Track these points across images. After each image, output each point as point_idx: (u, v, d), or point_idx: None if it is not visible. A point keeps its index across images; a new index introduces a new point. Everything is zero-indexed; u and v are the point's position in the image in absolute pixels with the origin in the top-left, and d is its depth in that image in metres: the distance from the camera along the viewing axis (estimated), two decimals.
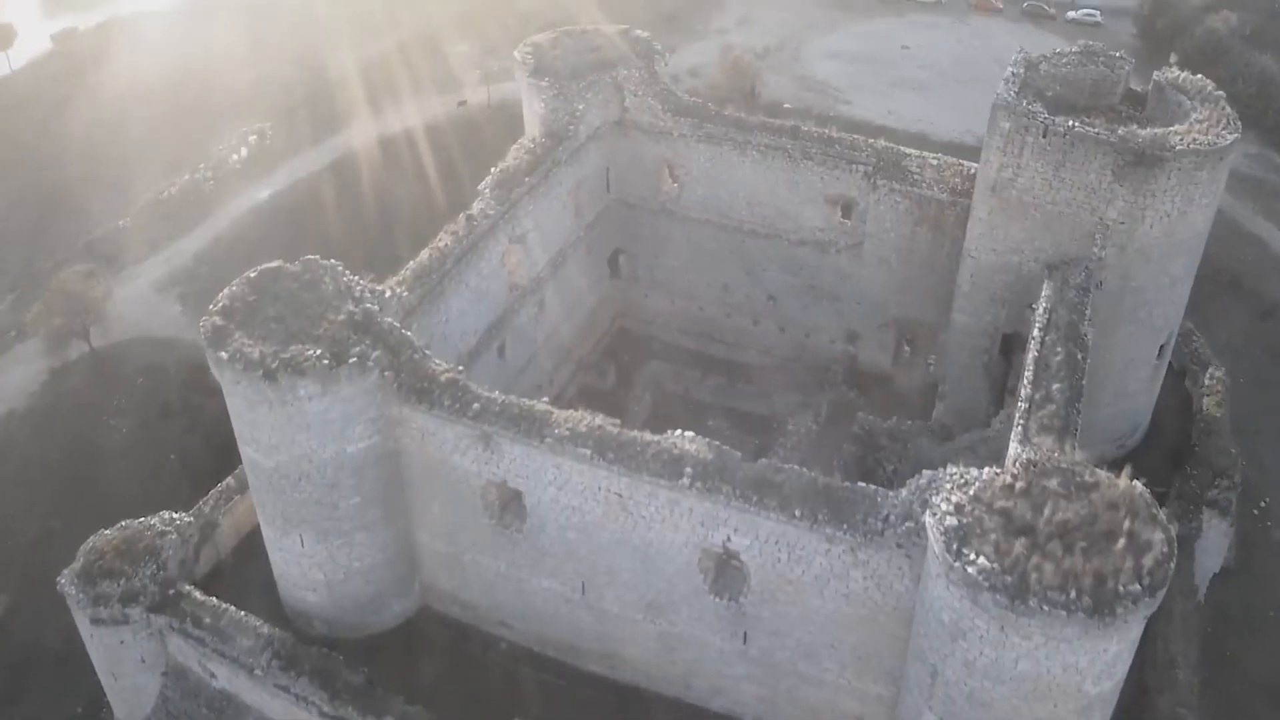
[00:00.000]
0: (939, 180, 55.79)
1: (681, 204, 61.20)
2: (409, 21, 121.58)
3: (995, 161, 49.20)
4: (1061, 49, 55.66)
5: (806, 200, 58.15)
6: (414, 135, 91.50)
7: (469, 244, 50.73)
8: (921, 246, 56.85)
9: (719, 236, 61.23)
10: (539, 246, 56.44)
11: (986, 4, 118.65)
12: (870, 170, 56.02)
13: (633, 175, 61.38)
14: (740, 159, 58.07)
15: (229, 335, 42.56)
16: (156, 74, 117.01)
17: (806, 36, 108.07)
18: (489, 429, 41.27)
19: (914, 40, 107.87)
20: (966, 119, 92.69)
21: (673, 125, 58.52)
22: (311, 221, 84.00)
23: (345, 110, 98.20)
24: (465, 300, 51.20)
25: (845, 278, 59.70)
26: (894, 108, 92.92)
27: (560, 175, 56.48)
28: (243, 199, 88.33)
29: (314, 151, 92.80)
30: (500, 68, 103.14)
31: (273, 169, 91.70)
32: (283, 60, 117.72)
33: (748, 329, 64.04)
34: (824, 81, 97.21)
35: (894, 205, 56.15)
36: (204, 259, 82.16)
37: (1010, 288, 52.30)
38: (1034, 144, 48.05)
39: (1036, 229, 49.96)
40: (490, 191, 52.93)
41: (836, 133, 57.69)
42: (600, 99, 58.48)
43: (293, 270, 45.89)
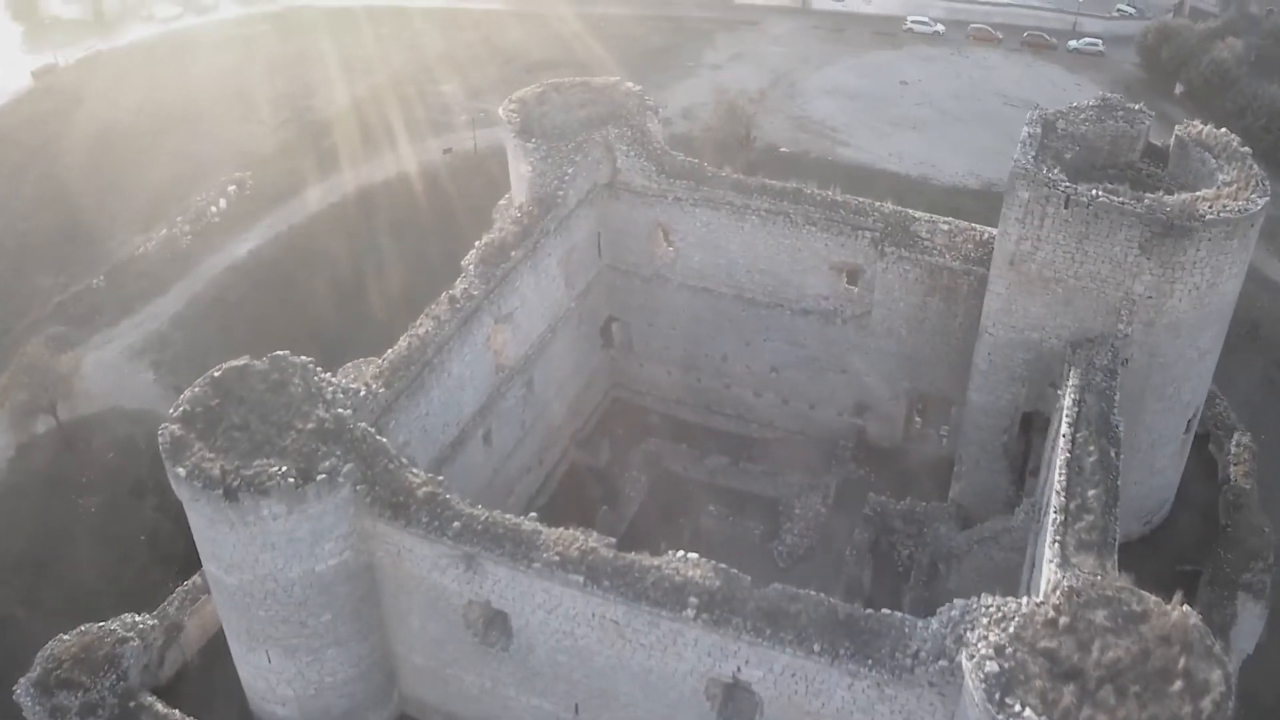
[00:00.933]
0: (951, 247, 52.46)
1: (677, 270, 57.81)
2: (392, 59, 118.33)
3: (1014, 233, 45.91)
4: (1079, 104, 52.29)
5: (810, 268, 54.78)
6: (398, 185, 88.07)
7: (452, 329, 47.29)
8: (933, 317, 53.56)
9: (717, 305, 57.84)
10: (527, 323, 52.99)
11: (985, 35, 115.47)
12: (878, 237, 52.66)
13: (625, 240, 58.00)
14: (739, 224, 54.72)
15: (188, 447, 39.33)
16: (137, 114, 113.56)
17: (802, 72, 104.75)
18: (471, 550, 37.75)
19: (912, 74, 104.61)
20: (970, 159, 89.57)
21: (667, 188, 55.14)
22: (291, 280, 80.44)
23: (327, 158, 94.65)
24: (447, 389, 47.72)
25: (852, 349, 56.30)
26: (895, 149, 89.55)
27: (549, 246, 53.07)
28: (221, 255, 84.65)
29: (295, 202, 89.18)
30: (486, 110, 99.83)
31: (252, 222, 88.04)
32: (265, 100, 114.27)
33: (749, 401, 60.62)
34: (821, 121, 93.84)
35: (903, 274, 52.81)
36: (179, 323, 78.43)
37: (1030, 366, 49.06)
38: (1055, 215, 44.84)
39: (1058, 304, 46.78)
40: (474, 268, 49.51)
41: (841, 195, 54.28)
42: (590, 160, 55.14)
43: (260, 369, 42.49)
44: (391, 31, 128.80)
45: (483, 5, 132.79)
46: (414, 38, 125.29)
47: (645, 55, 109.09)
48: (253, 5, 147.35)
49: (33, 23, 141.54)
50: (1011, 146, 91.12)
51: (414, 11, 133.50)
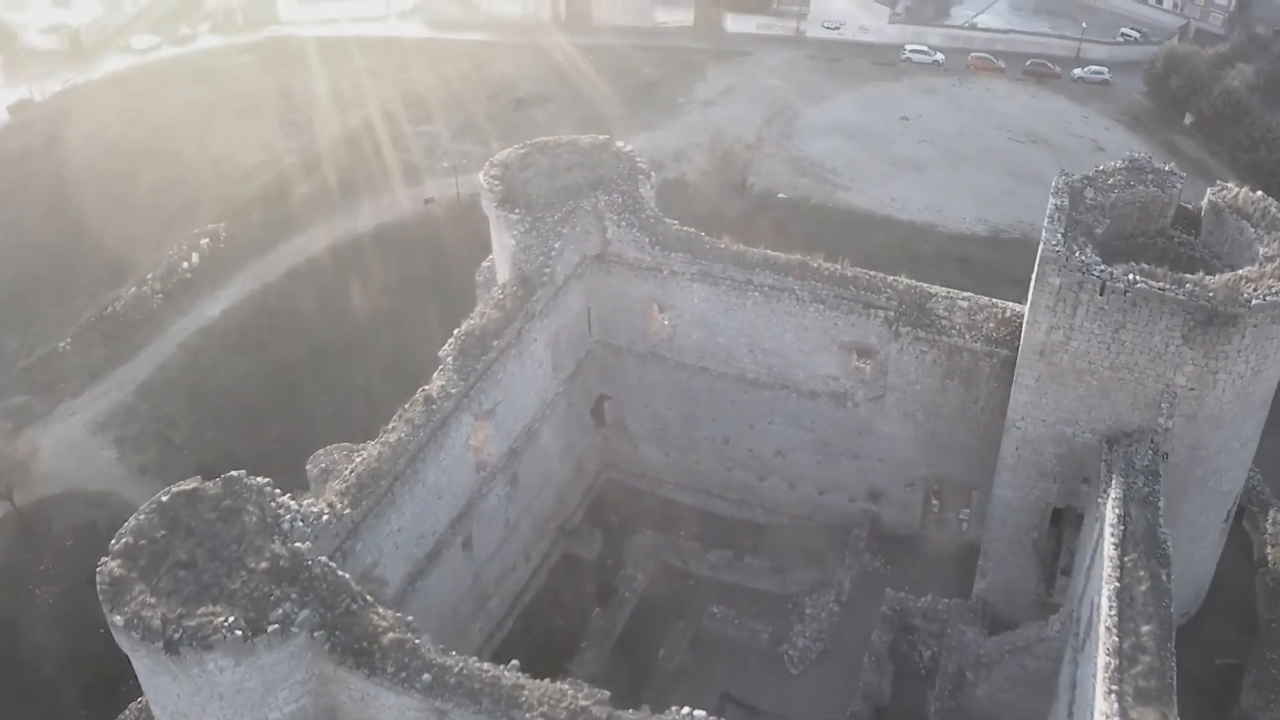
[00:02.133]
0: (971, 326, 48.28)
1: (674, 348, 53.53)
2: (373, 94, 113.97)
3: (1044, 322, 41.75)
4: (1106, 166, 48.09)
5: (818, 347, 50.53)
6: (378, 237, 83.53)
7: (427, 434, 42.91)
8: (953, 400, 49.42)
9: (717, 386, 53.58)
10: (511, 416, 48.65)
11: (987, 64, 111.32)
12: (891, 316, 48.39)
13: (618, 315, 53.75)
14: (740, 300, 50.46)
15: (128, 589, 35.42)
16: (111, 155, 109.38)
17: (798, 107, 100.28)
18: (444, 706, 33.39)
19: (913, 109, 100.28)
20: (977, 203, 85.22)
21: (662, 261, 50.86)
22: (264, 345, 75.89)
23: (304, 207, 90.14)
24: (422, 500, 43.36)
25: (864, 433, 52.05)
26: (897, 192, 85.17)
27: (535, 330, 48.77)
28: (192, 316, 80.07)
29: (270, 257, 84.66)
30: (470, 152, 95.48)
31: (225, 278, 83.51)
32: (242, 140, 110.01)
33: (752, 485, 56.34)
34: (820, 163, 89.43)
35: (920, 355, 48.63)
36: (145, 393, 73.82)
37: (1063, 460, 45.04)
38: (1089, 302, 40.77)
39: (1093, 397, 42.75)
40: (452, 361, 45.20)
41: (850, 269, 50.00)
42: (579, 231, 50.89)
43: (211, 494, 38.30)
44: (373, 63, 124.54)
45: (465, 35, 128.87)
46: (396, 70, 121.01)
47: (635, 90, 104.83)
48: (232, 35, 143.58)
49: (9, 53, 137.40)
50: (1020, 187, 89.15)
51: (396, 42, 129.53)
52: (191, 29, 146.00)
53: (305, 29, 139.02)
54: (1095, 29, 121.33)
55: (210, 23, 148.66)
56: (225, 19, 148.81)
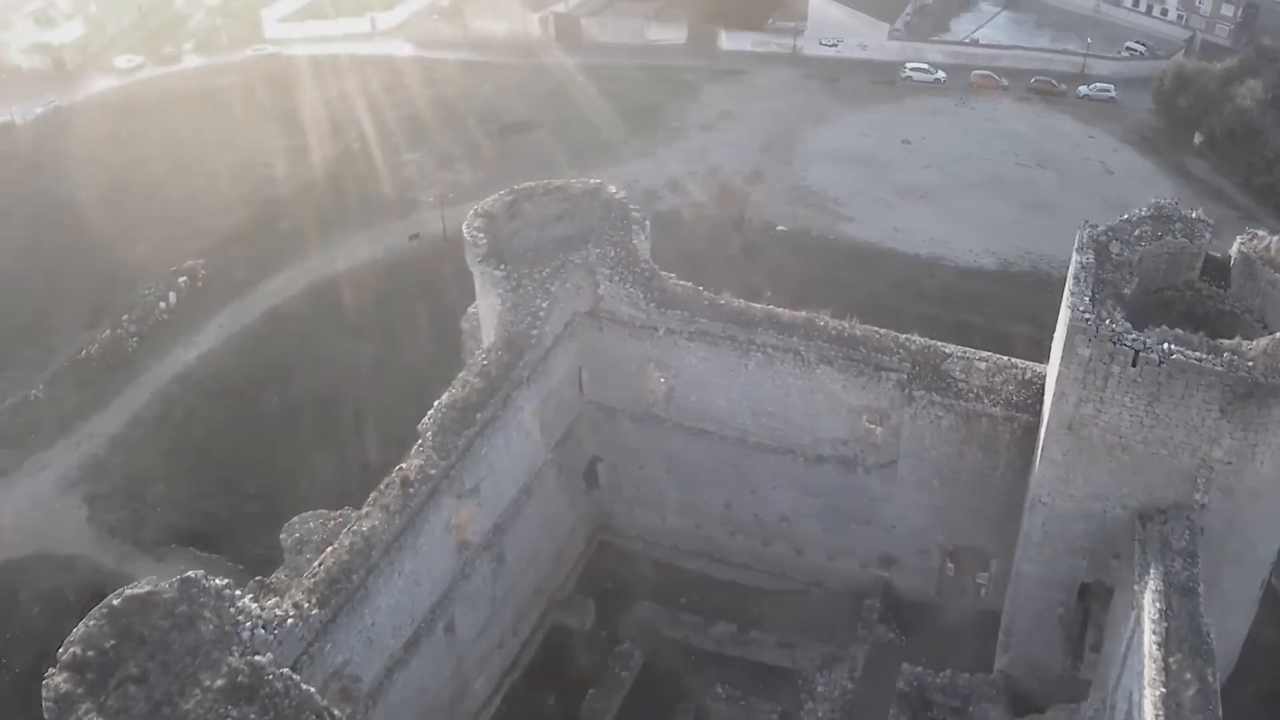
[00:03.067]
0: (990, 389, 45.07)
1: (671, 410, 50.24)
2: (358, 119, 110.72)
3: (1073, 395, 38.50)
4: (1130, 214, 44.84)
5: (826, 411, 47.29)
6: (361, 276, 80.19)
7: (404, 520, 39.55)
8: (971, 467, 46.22)
9: (717, 450, 50.30)
10: (497, 491, 45.35)
11: (990, 82, 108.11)
12: (904, 379, 45.14)
13: (611, 375, 50.46)
14: (741, 361, 47.17)
15: (74, 708, 31.96)
16: (91, 185, 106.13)
17: (796, 132, 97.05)
18: None
19: (915, 132, 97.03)
20: (984, 234, 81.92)
21: (657, 319, 47.58)
22: (242, 394, 72.48)
23: (285, 243, 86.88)
24: (399, 591, 40.00)
25: (876, 500, 48.82)
26: (901, 223, 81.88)
27: (522, 398, 45.46)
28: (167, 362, 76.69)
29: (249, 297, 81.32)
30: (456, 183, 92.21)
31: (203, 320, 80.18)
32: (224, 167, 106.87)
33: (757, 550, 53.12)
34: (820, 192, 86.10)
35: (935, 420, 45.40)
36: (118, 446, 70.44)
37: (1092, 537, 41.83)
38: (1121, 374, 37.56)
39: (1125, 473, 39.61)
40: (432, 438, 41.83)
41: (859, 326, 46.74)
42: (569, 287, 47.62)
43: (166, 598, 34.97)
44: (358, 84, 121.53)
45: (453, 55, 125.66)
46: (382, 92, 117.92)
47: (627, 114, 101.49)
48: (215, 55, 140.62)
49: None
50: (1028, 215, 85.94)
51: (382, 62, 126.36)
52: (175, 48, 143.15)
53: (290, 48, 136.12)
54: (1099, 42, 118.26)
55: (194, 41, 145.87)
56: (209, 37, 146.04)
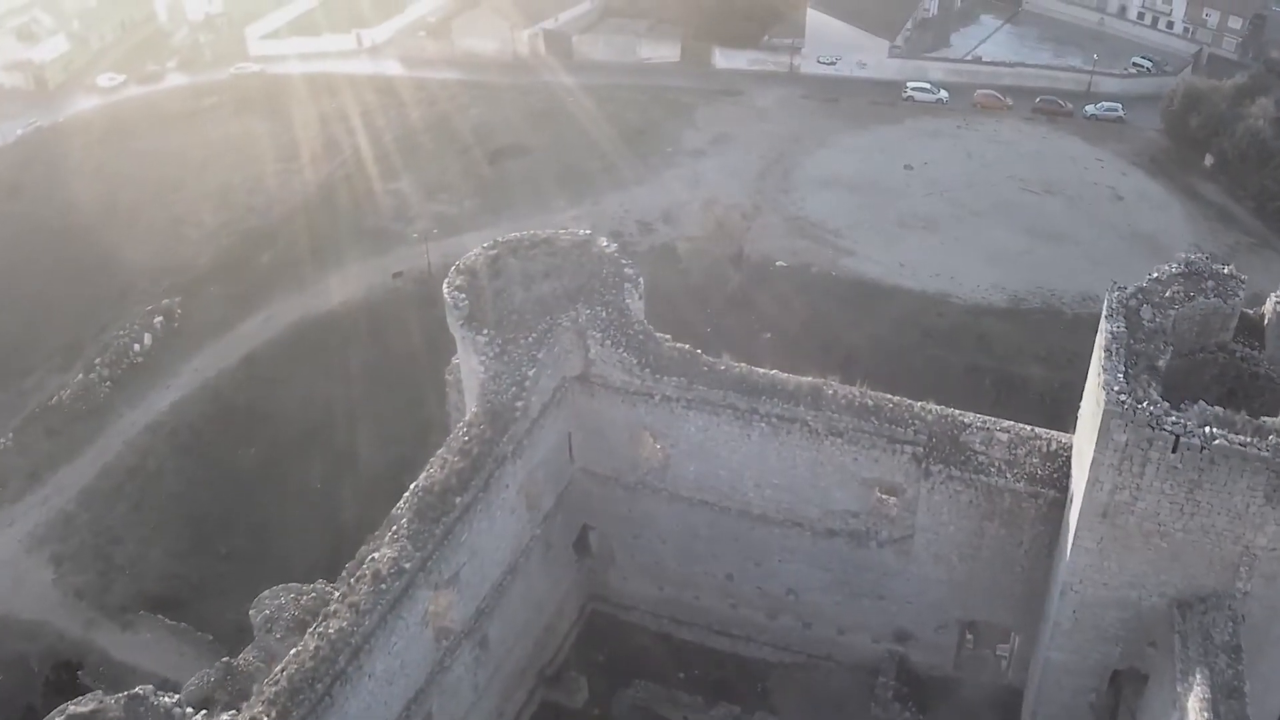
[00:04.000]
0: (1013, 462, 41.82)
1: (668, 480, 46.84)
2: (341, 143, 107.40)
3: (1108, 482, 35.39)
4: (1160, 271, 41.50)
5: (835, 484, 43.95)
6: (341, 317, 76.76)
7: (376, 620, 36.12)
8: (992, 543, 43.08)
9: (718, 521, 46.93)
10: (479, 575, 41.95)
11: (994, 102, 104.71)
12: (920, 452, 41.82)
13: (602, 442, 47.04)
14: (744, 431, 43.76)
15: None
16: (69, 212, 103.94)
17: (794, 156, 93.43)
18: None
19: (917, 156, 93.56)
20: (992, 267, 78.45)
21: (653, 385, 44.12)
22: (217, 445, 69.41)
23: (264, 280, 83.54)
24: (370, 693, 36.57)
25: (890, 574, 45.52)
26: (906, 256, 78.37)
27: (507, 475, 42.03)
28: (140, 409, 73.28)
29: (226, 339, 77.95)
30: (442, 215, 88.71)
31: (179, 364, 76.83)
32: (205, 194, 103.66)
33: (760, 623, 49.75)
34: (820, 223, 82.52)
35: (954, 495, 42.14)
36: (87, 501, 67.06)
37: (1126, 625, 38.83)
38: (1161, 460, 34.40)
39: (1162, 560, 36.74)
40: (407, 526, 38.33)
41: (870, 393, 43.32)
42: (557, 352, 44.19)
43: (112, 717, 31.37)
44: (343, 105, 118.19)
45: (440, 74, 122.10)
46: (368, 114, 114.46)
47: (619, 138, 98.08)
48: (198, 73, 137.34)
49: None
50: (1037, 245, 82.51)
51: (368, 81, 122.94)
52: (158, 66, 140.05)
53: (274, 65, 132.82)
54: (1104, 57, 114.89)
55: (177, 58, 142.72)
56: (192, 55, 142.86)
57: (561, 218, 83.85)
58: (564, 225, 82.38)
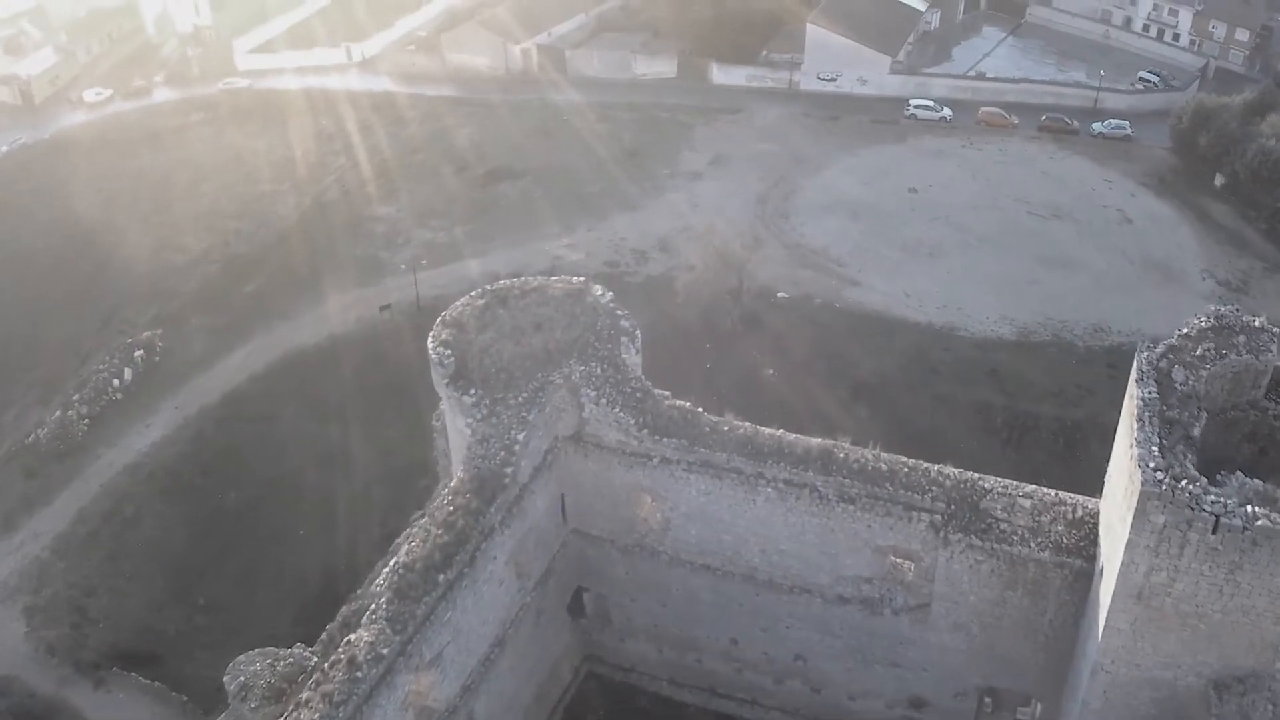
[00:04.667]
0: (1036, 530, 39.26)
1: (668, 543, 44.26)
2: (329, 163, 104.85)
3: (1143, 564, 33.10)
4: (1190, 326, 38.86)
5: (847, 550, 41.36)
6: (327, 351, 73.93)
7: (351, 710, 33.52)
8: (1014, 612, 40.70)
9: (722, 586, 44.39)
10: (463, 654, 39.29)
11: (999, 119, 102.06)
12: (939, 520, 39.23)
13: (597, 504, 44.50)
14: (749, 497, 41.21)
15: None
16: (53, 234, 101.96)
17: (795, 179, 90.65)
18: None
19: (921, 178, 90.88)
20: (1000, 297, 75.73)
21: (651, 447, 41.52)
22: (198, 490, 66.49)
23: (247, 311, 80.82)
24: None
25: (906, 642, 43.02)
26: (912, 286, 75.64)
27: (494, 547, 39.43)
28: (119, 450, 70.48)
29: (208, 374, 75.15)
30: (432, 242, 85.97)
31: (158, 401, 74.04)
32: (189, 219, 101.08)
33: (767, 687, 47.20)
34: (823, 250, 79.78)
35: (975, 564, 39.62)
36: (61, 548, 64.23)
37: (1159, 704, 36.87)
38: (1200, 542, 32.07)
39: (1199, 641, 34.64)
40: (386, 607, 35.66)
41: (884, 456, 40.73)
42: (549, 412, 41.55)
43: None
44: (332, 123, 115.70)
45: (432, 90, 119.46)
46: (357, 133, 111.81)
47: (614, 160, 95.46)
48: (186, 88, 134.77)
49: None
50: (1046, 274, 79.91)
51: (358, 98, 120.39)
52: (145, 80, 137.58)
53: (263, 80, 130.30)
54: (1110, 70, 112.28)
55: (165, 72, 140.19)
56: (180, 69, 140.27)
57: (555, 245, 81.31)
58: (557, 254, 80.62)
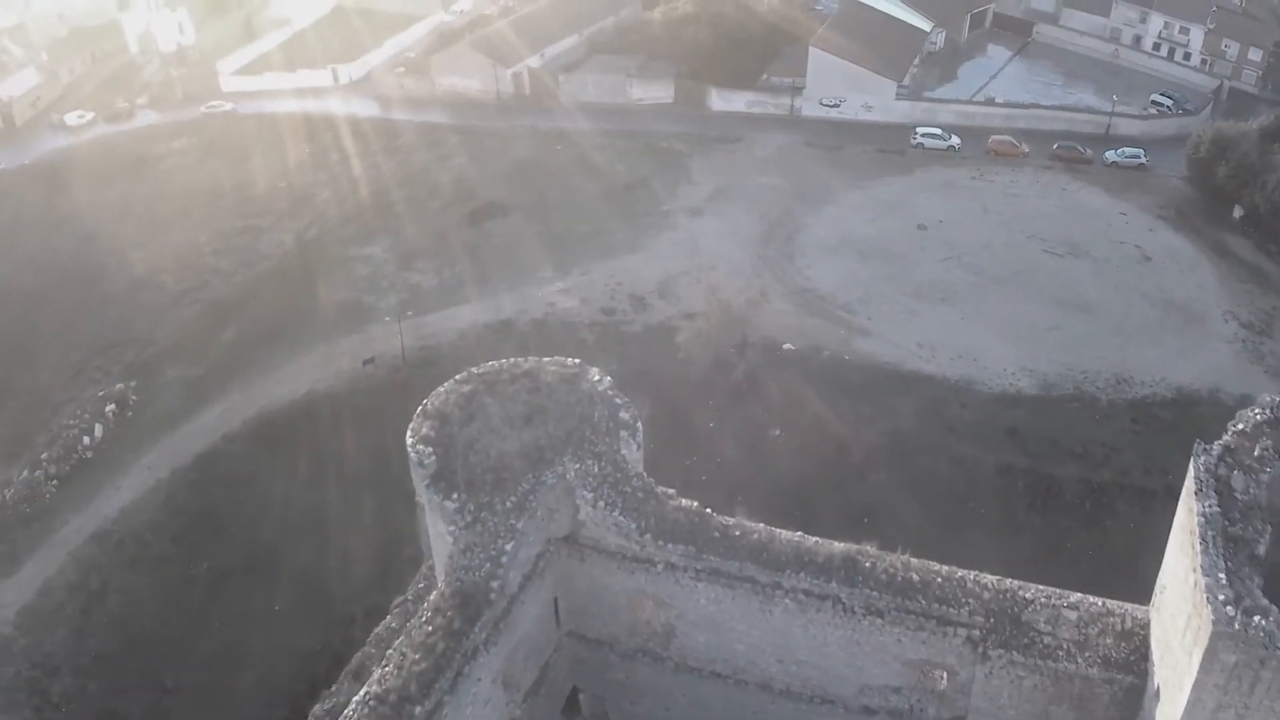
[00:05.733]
0: (1083, 644, 35.50)
1: (673, 649, 40.29)
2: (315, 197, 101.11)
3: (1210, 701, 29.99)
4: (1245, 421, 35.10)
5: (875, 662, 37.50)
6: (306, 408, 69.63)
7: None
8: None
9: (733, 695, 40.41)
10: None
11: (1009, 148, 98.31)
12: (977, 635, 35.41)
13: (594, 607, 40.49)
14: (765, 607, 37.28)
15: None
16: (29, 271, 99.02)
17: (798, 215, 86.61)
18: None
19: (931, 213, 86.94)
20: (1018, 346, 71.56)
21: (655, 553, 37.59)
22: (169, 560, 62.61)
23: (225, 362, 76.87)
24: None
25: None
26: (925, 335, 71.53)
27: (479, 668, 35.44)
28: (87, 515, 66.43)
29: (182, 431, 71.05)
30: (418, 286, 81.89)
31: (130, 460, 70.04)
32: (168, 255, 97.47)
33: None
34: (829, 296, 75.64)
35: (1016, 680, 35.70)
36: (25, 624, 60.21)
37: None
38: (1273, 680, 28.72)
39: None
40: None
41: (915, 564, 36.81)
42: (540, 516, 37.56)
43: None
44: (318, 151, 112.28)
45: (420, 116, 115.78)
46: (343, 163, 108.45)
47: (610, 194, 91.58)
48: (170, 112, 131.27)
49: None
50: (1065, 318, 75.50)
51: (344, 124, 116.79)
52: (128, 103, 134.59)
53: (247, 103, 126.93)
54: (1120, 91, 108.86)
55: (148, 94, 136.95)
56: (163, 91, 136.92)
57: (548, 290, 77.43)
58: (551, 300, 76.66)
